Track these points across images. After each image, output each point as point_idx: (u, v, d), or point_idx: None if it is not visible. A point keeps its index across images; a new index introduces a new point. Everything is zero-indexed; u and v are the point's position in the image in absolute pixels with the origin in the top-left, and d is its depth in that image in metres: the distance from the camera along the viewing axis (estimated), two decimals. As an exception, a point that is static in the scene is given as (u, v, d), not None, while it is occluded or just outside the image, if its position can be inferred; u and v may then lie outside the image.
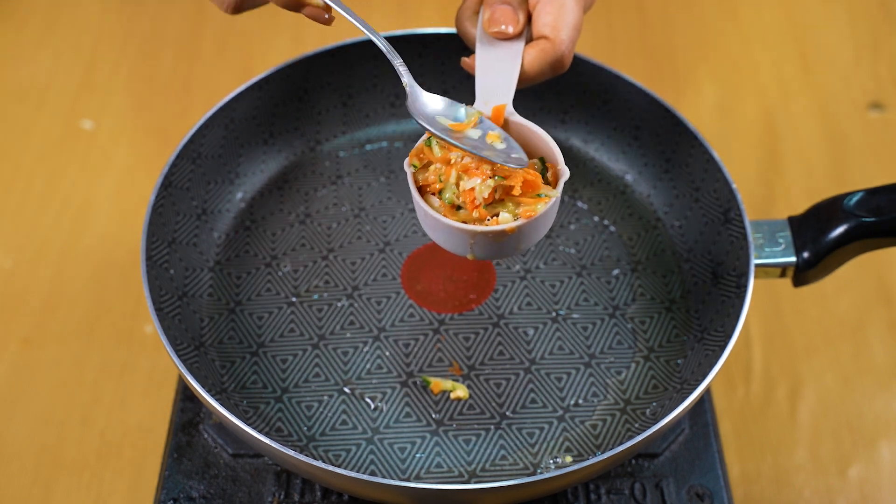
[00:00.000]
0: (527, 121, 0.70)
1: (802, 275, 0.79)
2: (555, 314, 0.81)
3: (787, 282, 0.81)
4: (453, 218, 0.66)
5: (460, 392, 0.76)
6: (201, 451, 0.77)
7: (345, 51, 0.89)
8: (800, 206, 0.83)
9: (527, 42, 0.73)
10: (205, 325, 0.80)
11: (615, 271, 0.84)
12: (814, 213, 0.79)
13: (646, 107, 0.87)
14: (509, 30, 0.72)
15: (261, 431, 0.69)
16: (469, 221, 0.66)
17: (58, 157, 1.08)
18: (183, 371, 0.70)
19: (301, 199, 0.88)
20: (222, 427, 0.78)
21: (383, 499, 0.69)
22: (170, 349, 0.71)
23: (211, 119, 0.84)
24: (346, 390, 0.76)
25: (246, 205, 0.87)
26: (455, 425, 0.75)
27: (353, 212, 0.87)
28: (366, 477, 0.66)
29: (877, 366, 0.95)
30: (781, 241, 0.79)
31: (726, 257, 0.80)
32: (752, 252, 0.77)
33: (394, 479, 0.72)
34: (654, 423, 0.68)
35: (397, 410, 0.75)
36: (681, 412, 0.69)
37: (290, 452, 0.66)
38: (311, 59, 0.88)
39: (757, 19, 1.23)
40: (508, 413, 0.75)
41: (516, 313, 0.81)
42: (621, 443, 0.74)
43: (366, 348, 0.78)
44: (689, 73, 1.17)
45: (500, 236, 0.66)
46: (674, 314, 0.81)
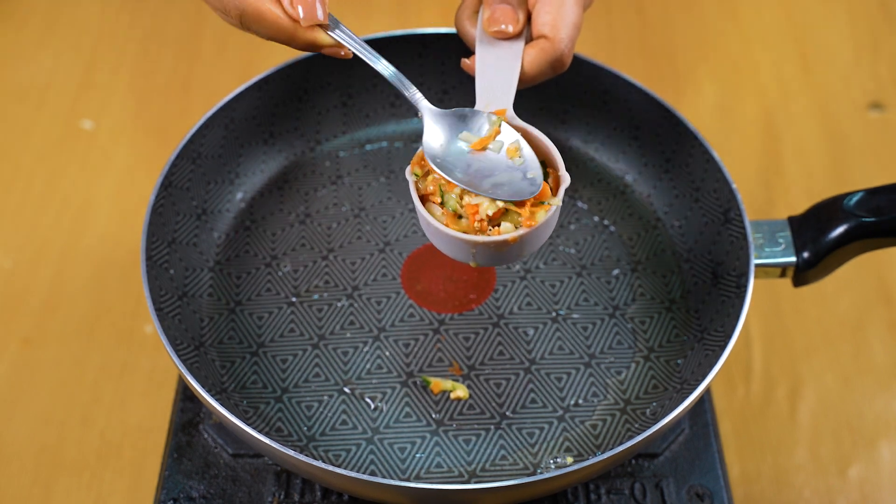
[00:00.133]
0: (527, 125, 0.70)
1: (802, 275, 0.79)
2: (555, 314, 0.81)
3: (787, 282, 0.80)
4: (455, 226, 0.66)
5: (460, 392, 0.76)
6: (201, 451, 0.77)
7: (345, 51, 0.89)
8: (800, 206, 0.83)
9: (526, 42, 0.72)
10: (205, 325, 0.80)
11: (615, 271, 0.84)
12: (814, 213, 0.79)
13: (646, 107, 0.87)
14: (509, 29, 0.72)
15: (261, 431, 0.69)
16: (470, 230, 0.66)
17: (58, 157, 1.08)
18: (183, 371, 0.70)
19: (301, 199, 0.88)
20: (222, 427, 0.78)
21: (383, 499, 0.69)
22: (170, 349, 0.71)
23: (211, 119, 0.84)
24: (346, 390, 0.76)
25: (246, 205, 0.87)
26: (455, 425, 0.75)
27: (353, 212, 0.87)
28: (366, 477, 0.66)
29: (877, 366, 0.95)
30: (781, 241, 0.79)
31: (726, 257, 0.80)
32: (752, 252, 0.77)
33: (394, 479, 0.72)
34: (654, 423, 0.68)
35: (397, 410, 0.75)
36: (681, 412, 0.69)
37: (290, 452, 0.66)
38: (311, 59, 0.88)
39: (757, 19, 1.23)
40: (508, 413, 0.75)
41: (516, 313, 0.81)
42: (621, 443, 0.74)
43: (366, 348, 0.78)
44: (689, 73, 1.17)
45: (502, 246, 0.66)
46: (674, 314, 0.81)
